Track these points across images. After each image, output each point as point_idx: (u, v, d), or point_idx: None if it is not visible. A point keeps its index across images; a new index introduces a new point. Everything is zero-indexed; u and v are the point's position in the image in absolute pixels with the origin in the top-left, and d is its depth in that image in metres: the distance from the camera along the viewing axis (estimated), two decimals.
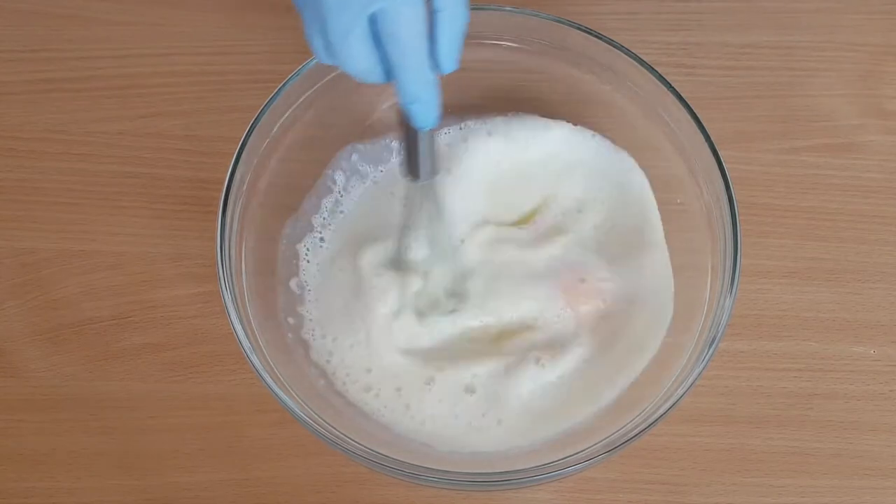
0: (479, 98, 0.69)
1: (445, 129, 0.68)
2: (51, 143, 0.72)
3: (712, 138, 0.59)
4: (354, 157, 0.69)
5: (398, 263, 0.63)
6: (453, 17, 0.49)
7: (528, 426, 0.61)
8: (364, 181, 0.68)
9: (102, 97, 0.74)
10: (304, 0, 0.48)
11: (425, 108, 0.50)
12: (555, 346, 0.63)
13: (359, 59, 0.48)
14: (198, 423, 0.66)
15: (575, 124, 0.68)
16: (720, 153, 0.59)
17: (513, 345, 0.63)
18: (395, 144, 0.68)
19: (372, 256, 0.64)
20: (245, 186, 0.61)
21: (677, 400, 0.55)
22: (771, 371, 0.67)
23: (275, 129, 0.62)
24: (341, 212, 0.67)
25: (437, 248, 0.63)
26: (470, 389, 0.62)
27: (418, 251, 0.63)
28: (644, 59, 0.61)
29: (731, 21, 0.76)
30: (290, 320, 0.64)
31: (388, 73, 0.49)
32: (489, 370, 0.62)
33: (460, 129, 0.68)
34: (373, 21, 0.47)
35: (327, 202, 0.67)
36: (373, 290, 0.63)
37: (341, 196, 0.68)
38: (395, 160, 0.68)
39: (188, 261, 0.69)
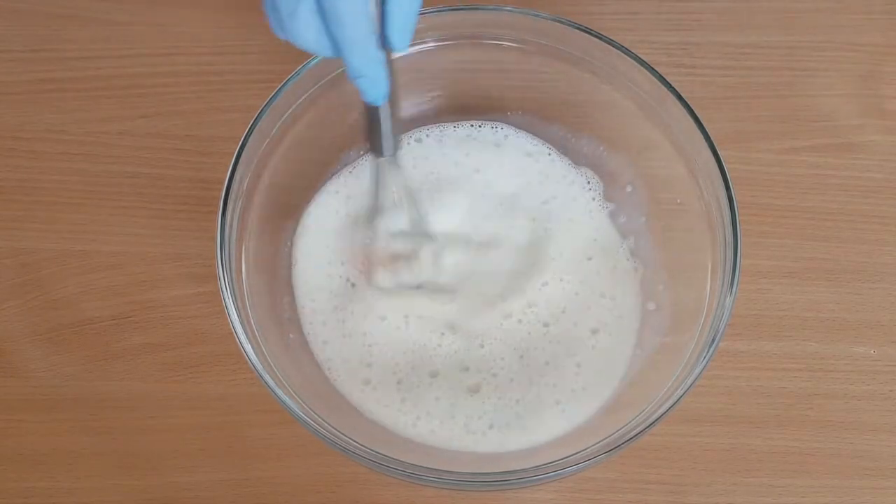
0: (479, 98, 0.69)
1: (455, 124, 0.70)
2: (51, 143, 0.72)
3: (712, 138, 0.59)
4: (355, 157, 0.69)
5: (371, 237, 0.64)
6: None
7: (519, 434, 0.62)
8: (364, 182, 0.68)
9: (102, 97, 0.74)
10: None
11: (371, 84, 0.51)
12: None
13: (306, 34, 0.49)
14: (198, 423, 0.66)
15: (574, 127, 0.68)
16: (720, 153, 0.59)
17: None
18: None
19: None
20: (245, 186, 0.61)
21: (677, 400, 0.55)
22: (771, 371, 0.67)
23: (275, 129, 0.62)
24: (340, 212, 0.67)
25: (408, 223, 0.64)
26: (474, 389, 0.62)
27: (390, 225, 0.64)
28: (644, 59, 0.61)
29: (731, 21, 0.76)
30: (290, 320, 0.64)
31: (335, 47, 0.50)
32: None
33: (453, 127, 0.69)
34: None
35: (327, 202, 0.67)
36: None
37: (341, 196, 0.68)
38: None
39: (188, 261, 0.69)
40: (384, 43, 0.50)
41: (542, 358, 0.63)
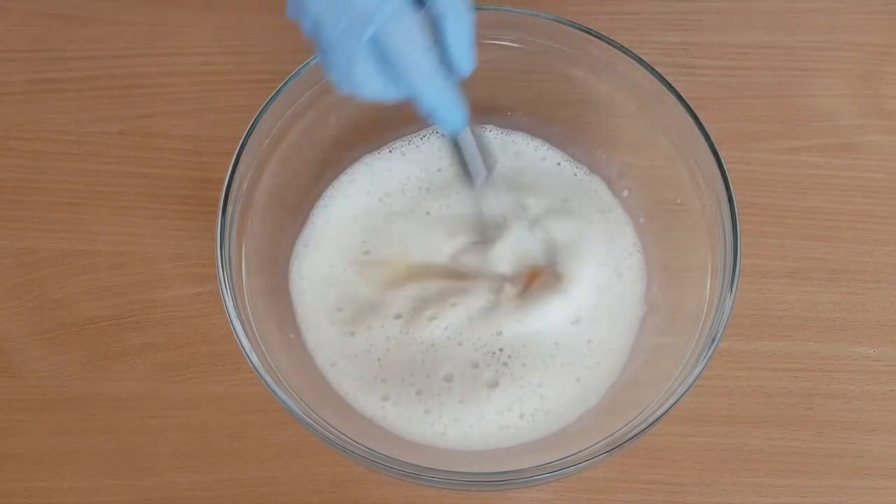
0: (479, 98, 0.69)
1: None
2: (51, 143, 0.72)
3: (712, 138, 0.59)
4: (355, 157, 0.69)
5: (486, 267, 0.64)
6: (457, 18, 0.50)
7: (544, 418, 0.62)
8: (364, 182, 0.68)
9: (102, 97, 0.74)
10: (313, 41, 0.50)
11: (448, 113, 0.51)
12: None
13: (370, 84, 0.50)
14: (198, 423, 0.66)
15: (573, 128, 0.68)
16: (720, 153, 0.59)
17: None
18: (397, 145, 0.69)
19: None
20: (245, 186, 0.61)
21: (677, 400, 0.55)
22: (771, 371, 0.67)
23: (275, 129, 0.62)
24: (341, 211, 0.67)
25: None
26: (493, 384, 0.62)
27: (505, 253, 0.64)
28: (644, 59, 0.61)
29: (731, 21, 0.76)
30: (291, 320, 0.64)
31: (404, 89, 0.50)
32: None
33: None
34: (375, 44, 0.48)
35: (327, 202, 0.67)
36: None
37: (341, 196, 0.68)
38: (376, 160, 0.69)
39: (188, 261, 0.69)
40: (450, 69, 0.50)
41: (551, 339, 0.63)
